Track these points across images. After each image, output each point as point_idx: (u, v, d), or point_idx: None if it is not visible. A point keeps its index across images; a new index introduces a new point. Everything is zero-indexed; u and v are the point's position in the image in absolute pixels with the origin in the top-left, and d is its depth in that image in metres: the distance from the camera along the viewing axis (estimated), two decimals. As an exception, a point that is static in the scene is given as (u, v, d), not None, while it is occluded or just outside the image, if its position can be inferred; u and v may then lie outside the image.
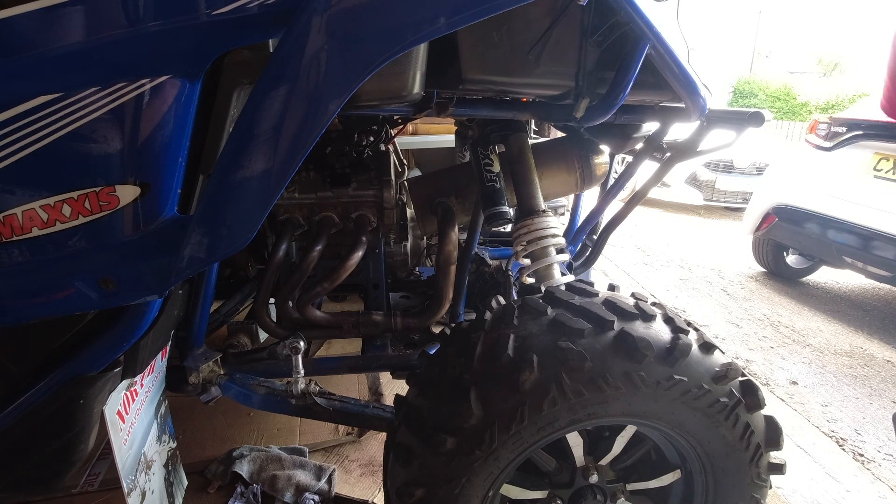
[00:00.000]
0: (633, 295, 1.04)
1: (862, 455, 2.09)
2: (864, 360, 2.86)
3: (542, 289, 1.06)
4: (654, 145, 1.55)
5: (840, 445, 2.13)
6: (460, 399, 0.90)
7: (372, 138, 1.69)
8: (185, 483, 1.50)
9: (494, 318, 1.01)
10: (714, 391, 0.90)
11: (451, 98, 1.19)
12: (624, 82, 1.05)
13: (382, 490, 1.13)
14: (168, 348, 1.22)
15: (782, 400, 2.45)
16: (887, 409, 2.41)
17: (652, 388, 0.88)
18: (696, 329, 1.00)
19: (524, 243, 1.32)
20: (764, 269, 4.19)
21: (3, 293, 0.88)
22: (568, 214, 2.07)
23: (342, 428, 1.90)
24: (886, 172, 3.00)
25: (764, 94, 14.07)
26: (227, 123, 0.94)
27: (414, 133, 3.40)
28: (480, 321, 1.03)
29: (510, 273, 1.72)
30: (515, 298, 1.07)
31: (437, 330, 1.44)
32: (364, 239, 1.36)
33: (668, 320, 0.98)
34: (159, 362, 1.22)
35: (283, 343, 1.37)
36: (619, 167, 1.82)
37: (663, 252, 4.74)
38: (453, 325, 1.25)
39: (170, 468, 1.37)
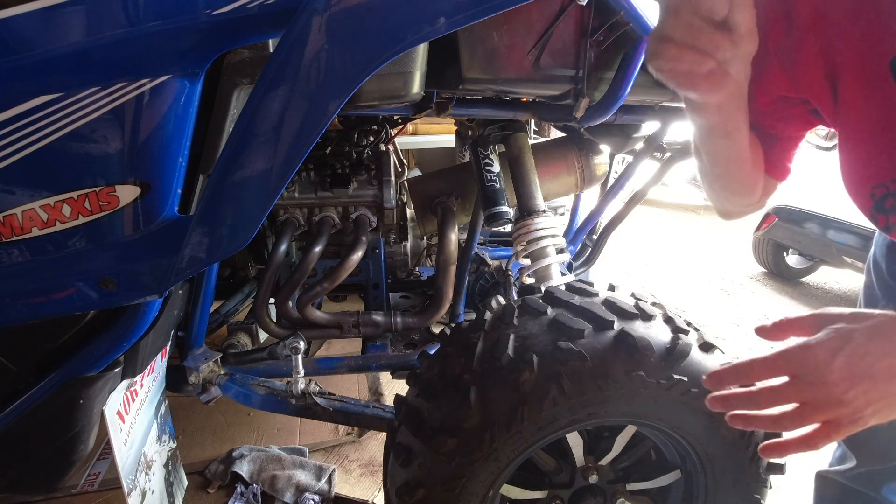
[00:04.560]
0: (632, 295, 1.04)
1: (862, 455, 2.08)
2: (863, 360, 2.85)
3: (542, 289, 1.06)
4: (654, 145, 1.55)
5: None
6: (460, 399, 0.90)
7: (372, 138, 1.69)
8: (185, 483, 1.50)
9: (494, 318, 1.01)
10: (714, 391, 0.90)
11: (451, 98, 1.19)
12: (624, 82, 1.05)
13: (382, 490, 1.13)
14: (168, 348, 1.22)
15: (782, 400, 2.45)
16: (887, 409, 2.39)
17: (652, 388, 0.88)
18: (696, 329, 0.99)
19: (524, 243, 1.32)
20: (764, 269, 4.19)
21: (3, 293, 0.88)
22: (568, 214, 2.07)
23: (342, 428, 1.90)
24: (886, 172, 3.00)
25: (764, 94, 14.06)
26: (227, 123, 0.94)
27: (414, 133, 3.41)
28: (480, 321, 1.03)
29: (510, 273, 1.72)
30: (515, 298, 1.07)
31: (437, 330, 1.45)
32: (364, 239, 1.36)
33: (668, 320, 0.97)
34: (159, 362, 1.22)
35: (283, 343, 1.37)
36: (619, 167, 1.83)
37: (663, 252, 4.73)
38: (453, 325, 1.25)
39: (170, 468, 1.37)
